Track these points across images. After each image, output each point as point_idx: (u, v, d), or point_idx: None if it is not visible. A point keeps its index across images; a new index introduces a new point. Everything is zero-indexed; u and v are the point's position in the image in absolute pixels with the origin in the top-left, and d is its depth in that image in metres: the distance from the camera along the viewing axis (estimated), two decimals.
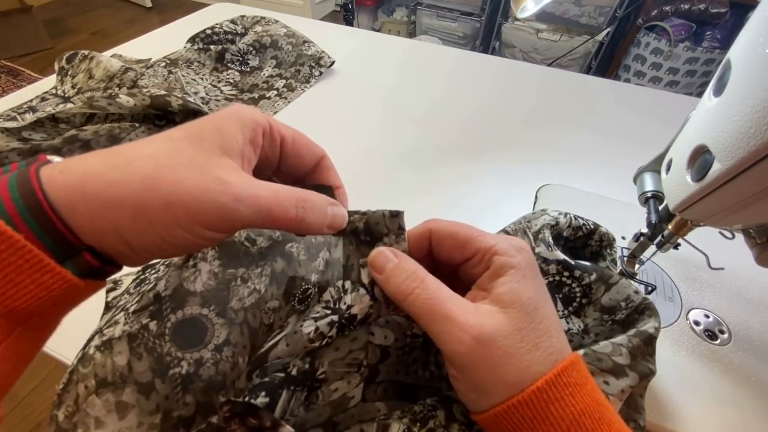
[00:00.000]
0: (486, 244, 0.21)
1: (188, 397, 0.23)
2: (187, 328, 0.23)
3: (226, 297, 0.24)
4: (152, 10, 2.59)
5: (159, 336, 0.22)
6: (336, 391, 0.22)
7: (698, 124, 0.23)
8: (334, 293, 0.24)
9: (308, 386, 0.22)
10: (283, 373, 0.22)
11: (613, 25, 1.68)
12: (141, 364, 0.21)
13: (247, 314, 0.24)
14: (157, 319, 0.22)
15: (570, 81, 0.66)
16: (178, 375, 0.22)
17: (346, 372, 0.22)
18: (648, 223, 0.30)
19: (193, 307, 0.23)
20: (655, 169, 0.31)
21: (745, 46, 0.19)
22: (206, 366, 0.23)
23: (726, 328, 0.32)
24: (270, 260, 0.25)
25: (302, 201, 0.20)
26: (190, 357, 0.23)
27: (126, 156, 0.17)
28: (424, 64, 0.70)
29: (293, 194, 0.19)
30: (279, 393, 0.21)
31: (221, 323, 0.23)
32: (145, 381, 0.22)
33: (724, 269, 0.34)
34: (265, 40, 0.64)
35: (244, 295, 0.24)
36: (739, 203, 0.20)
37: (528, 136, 0.53)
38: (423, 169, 0.47)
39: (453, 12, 1.94)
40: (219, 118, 0.19)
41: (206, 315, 0.23)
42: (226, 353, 0.23)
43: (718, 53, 1.47)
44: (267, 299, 0.25)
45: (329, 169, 0.24)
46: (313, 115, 0.56)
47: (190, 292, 0.23)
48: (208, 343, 0.23)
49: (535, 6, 0.60)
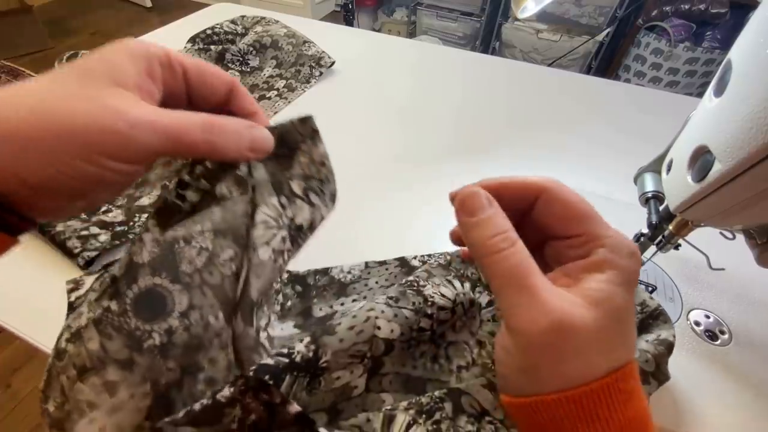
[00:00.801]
0: (598, 232, 0.19)
1: (170, 363, 0.23)
2: (147, 301, 0.22)
3: (174, 262, 0.23)
4: (152, 10, 2.59)
5: (122, 314, 0.22)
6: (338, 380, 0.23)
7: (699, 124, 0.23)
8: (271, 212, 0.24)
9: (311, 373, 0.22)
10: (287, 359, 0.22)
11: (613, 25, 1.68)
12: (114, 343, 0.22)
13: (203, 275, 0.24)
14: (116, 298, 0.22)
15: (570, 81, 0.66)
16: (153, 346, 0.23)
17: (349, 363, 0.23)
18: (648, 224, 0.30)
19: (145, 279, 0.22)
20: (655, 170, 0.31)
21: (746, 47, 0.19)
22: (178, 333, 0.23)
23: (726, 329, 0.32)
24: (206, 214, 0.24)
25: (209, 125, 0.19)
26: (159, 328, 0.23)
27: (10, 93, 0.16)
28: (425, 64, 0.70)
29: (200, 118, 0.19)
30: (282, 378, 0.22)
31: (178, 290, 0.23)
32: (123, 358, 0.22)
33: (724, 270, 0.34)
34: (266, 41, 0.64)
35: (192, 257, 0.23)
36: (739, 204, 0.20)
37: (528, 136, 0.53)
38: (423, 169, 0.47)
39: (453, 12, 1.94)
40: (107, 51, 0.18)
41: (160, 284, 0.23)
42: (194, 317, 0.24)
43: (718, 53, 1.47)
44: (219, 253, 0.24)
45: (244, 96, 0.23)
46: (313, 115, 0.56)
47: (140, 264, 0.22)
48: (172, 312, 0.23)
49: (536, 6, 0.60)
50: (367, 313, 0.24)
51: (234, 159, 0.21)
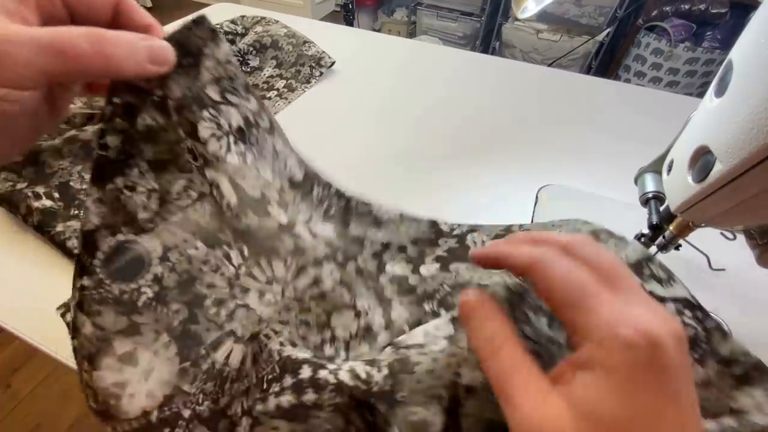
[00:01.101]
0: (584, 322, 0.15)
1: (174, 306, 0.23)
2: (119, 260, 0.22)
3: (128, 213, 0.22)
4: (152, 10, 2.59)
5: (99, 285, 0.21)
6: (415, 415, 0.21)
7: (699, 124, 0.23)
8: (210, 124, 0.24)
9: (387, 404, 0.21)
10: (365, 386, 0.22)
11: (613, 25, 1.68)
12: (105, 317, 0.21)
13: (164, 215, 0.23)
14: (86, 273, 0.21)
15: (570, 81, 0.66)
16: (149, 300, 0.22)
17: (426, 402, 0.22)
18: (649, 224, 0.30)
19: (107, 241, 0.22)
20: (656, 170, 0.31)
21: (747, 47, 0.19)
22: (166, 277, 0.23)
23: (727, 329, 0.32)
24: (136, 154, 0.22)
25: (97, 35, 0.17)
26: (145, 281, 0.22)
27: None
28: (425, 64, 0.70)
29: (84, 29, 0.17)
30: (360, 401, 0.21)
31: (147, 238, 0.23)
32: (124, 326, 0.22)
33: (725, 270, 0.34)
34: (266, 41, 0.64)
35: (144, 202, 0.22)
36: (740, 204, 0.20)
37: (528, 136, 0.53)
38: (423, 169, 0.47)
39: (453, 12, 1.94)
40: None
41: (125, 240, 0.22)
42: (174, 256, 0.23)
43: (719, 54, 1.47)
44: (169, 189, 0.23)
45: (132, 9, 0.20)
46: (313, 115, 0.56)
47: (93, 230, 0.21)
48: (151, 260, 0.23)
49: (536, 6, 0.60)
50: (449, 359, 0.23)
51: (135, 74, 0.19)
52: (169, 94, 0.23)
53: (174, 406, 0.22)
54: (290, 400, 0.21)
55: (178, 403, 0.22)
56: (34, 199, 0.36)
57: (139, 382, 0.22)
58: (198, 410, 0.22)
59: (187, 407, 0.22)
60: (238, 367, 0.24)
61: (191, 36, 0.22)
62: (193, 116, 0.23)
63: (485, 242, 0.33)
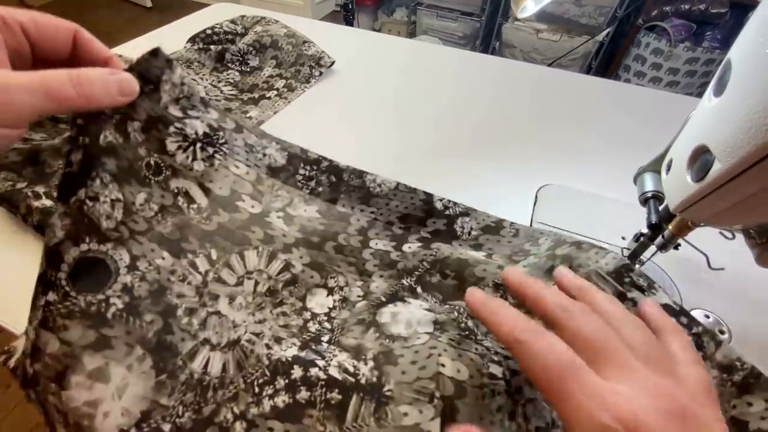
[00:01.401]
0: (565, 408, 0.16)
1: (147, 317, 0.23)
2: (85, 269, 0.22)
3: (92, 222, 0.22)
4: (152, 10, 2.59)
5: (64, 299, 0.21)
6: (406, 416, 0.21)
7: (698, 124, 0.23)
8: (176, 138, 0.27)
9: (376, 399, 0.22)
10: (353, 378, 0.22)
11: (613, 25, 1.68)
12: (73, 332, 0.21)
13: (129, 225, 0.24)
14: (51, 288, 0.21)
15: (570, 81, 0.66)
16: (119, 311, 0.22)
17: (416, 399, 0.21)
18: (648, 224, 0.30)
19: (71, 252, 0.21)
20: (655, 170, 0.31)
21: (746, 47, 0.19)
22: (136, 286, 0.23)
23: (726, 329, 0.32)
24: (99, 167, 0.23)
25: (76, 77, 0.19)
26: (113, 292, 0.22)
27: None
28: (425, 64, 0.70)
29: (64, 72, 0.19)
30: (350, 395, 0.22)
31: (111, 247, 0.23)
32: (93, 339, 0.21)
33: (724, 269, 0.34)
34: (265, 40, 0.64)
35: (108, 211, 0.23)
36: (739, 203, 0.20)
37: (528, 136, 0.53)
38: (422, 169, 0.47)
39: (453, 12, 1.94)
40: None
41: (88, 249, 0.22)
42: (143, 266, 0.24)
43: (718, 53, 1.47)
44: (132, 200, 0.24)
45: (91, 41, 0.22)
46: (313, 115, 0.56)
47: (57, 243, 0.21)
48: (119, 269, 0.23)
49: (535, 6, 0.60)
50: (430, 350, 0.23)
51: (108, 106, 0.22)
52: (135, 116, 0.25)
53: (152, 421, 0.21)
54: (285, 400, 0.22)
55: (156, 418, 0.21)
56: (34, 198, 0.36)
57: (113, 400, 0.21)
58: (179, 423, 0.22)
59: (167, 421, 0.22)
60: (220, 374, 0.23)
61: (150, 66, 0.25)
62: (160, 134, 0.27)
63: (473, 231, 0.34)
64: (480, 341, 0.26)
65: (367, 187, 0.35)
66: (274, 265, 0.29)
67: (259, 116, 0.53)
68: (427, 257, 0.32)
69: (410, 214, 0.35)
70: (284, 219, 0.32)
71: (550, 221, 0.40)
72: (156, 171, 0.27)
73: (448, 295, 0.30)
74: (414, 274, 0.31)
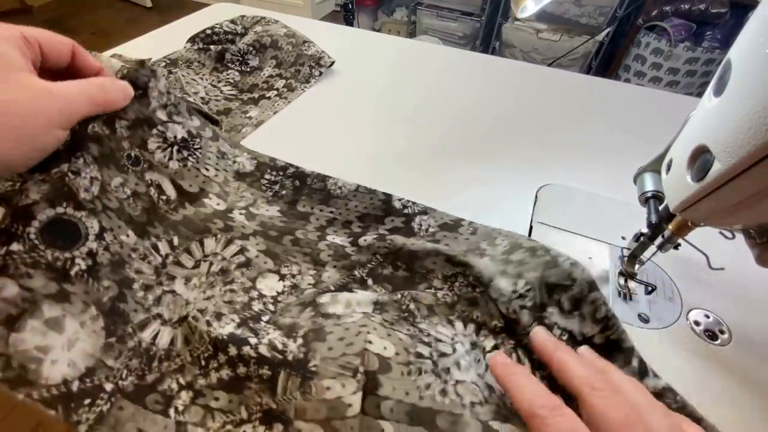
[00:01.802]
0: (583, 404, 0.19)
1: (105, 282, 0.25)
2: (57, 230, 0.23)
3: (72, 191, 0.24)
4: (152, 10, 2.59)
5: (32, 249, 0.22)
6: (329, 390, 0.22)
7: (698, 124, 0.23)
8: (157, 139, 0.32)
9: (302, 374, 0.22)
10: (281, 356, 0.23)
11: (613, 25, 1.68)
12: (36, 280, 0.22)
13: (103, 200, 0.27)
14: (16, 240, 0.22)
15: (570, 81, 0.66)
16: (81, 271, 0.24)
17: (340, 373, 0.22)
18: (648, 224, 0.30)
19: (45, 212, 0.23)
20: (655, 169, 0.31)
21: (746, 46, 0.19)
22: (99, 254, 0.25)
23: (726, 328, 0.32)
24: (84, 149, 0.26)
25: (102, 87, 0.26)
26: (80, 253, 0.24)
27: None
28: (425, 64, 0.70)
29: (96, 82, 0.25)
30: (278, 371, 0.23)
31: (85, 215, 0.25)
32: (54, 291, 0.22)
33: (724, 269, 0.33)
34: (265, 40, 0.64)
35: (87, 185, 0.26)
36: (739, 203, 0.20)
37: (528, 136, 0.53)
38: (423, 169, 0.47)
39: (453, 12, 1.94)
40: None
41: (64, 213, 0.24)
42: (109, 238, 0.26)
43: (718, 53, 1.47)
44: (108, 181, 0.28)
45: (85, 54, 0.27)
46: (313, 115, 0.56)
47: (31, 202, 0.23)
48: (88, 235, 0.25)
49: (535, 6, 0.60)
50: (360, 328, 0.24)
51: (119, 108, 0.28)
52: (123, 116, 0.30)
53: (96, 378, 0.22)
54: (228, 374, 0.24)
55: (100, 376, 0.23)
56: None
57: (63, 350, 0.22)
58: (121, 385, 0.23)
59: (110, 381, 0.23)
60: (167, 347, 0.25)
61: (139, 75, 0.31)
62: (144, 134, 0.32)
63: (431, 228, 0.36)
64: (417, 323, 0.27)
65: (327, 190, 0.37)
66: (230, 248, 0.32)
67: (259, 116, 0.53)
68: (381, 249, 0.33)
69: (369, 214, 0.36)
70: (246, 216, 0.34)
71: (550, 221, 0.40)
72: (135, 162, 0.31)
73: (398, 286, 0.31)
74: (366, 267, 0.32)
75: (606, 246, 0.38)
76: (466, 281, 0.30)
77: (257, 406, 0.22)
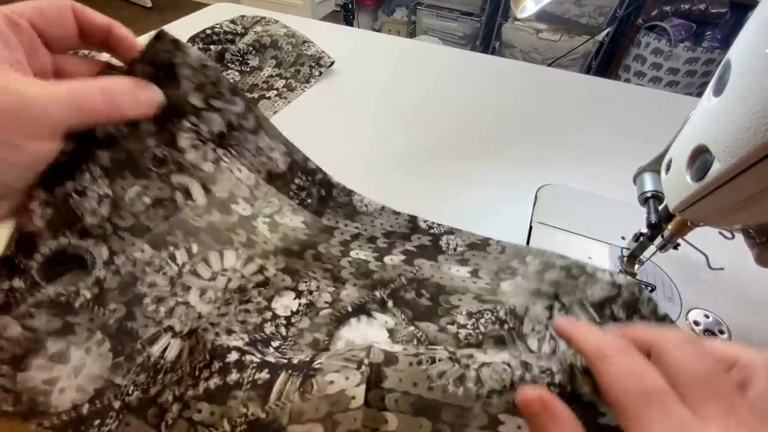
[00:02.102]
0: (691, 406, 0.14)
1: (111, 306, 0.23)
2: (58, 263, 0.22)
3: (74, 217, 0.22)
4: (152, 10, 2.59)
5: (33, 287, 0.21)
6: (332, 384, 0.21)
7: (698, 124, 0.23)
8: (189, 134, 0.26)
9: (304, 373, 0.22)
10: (286, 360, 0.23)
11: (613, 25, 1.68)
12: (38, 320, 0.21)
13: (114, 221, 0.24)
14: (17, 275, 0.21)
15: (570, 81, 0.66)
16: (86, 301, 0.22)
17: (344, 366, 0.21)
18: (648, 224, 0.30)
19: (46, 243, 0.21)
20: (654, 169, 0.31)
21: (745, 46, 0.19)
22: (108, 280, 0.23)
23: (726, 328, 0.32)
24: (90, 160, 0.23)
25: (105, 90, 0.19)
26: (85, 284, 0.23)
27: None
28: (424, 64, 0.70)
29: (94, 84, 0.19)
30: (278, 373, 0.22)
31: (92, 243, 0.23)
32: (58, 326, 0.22)
33: (723, 269, 0.33)
34: (265, 40, 0.64)
35: (94, 207, 0.23)
36: (739, 203, 0.20)
37: (528, 136, 0.53)
38: (423, 169, 0.47)
39: (453, 12, 1.94)
40: None
41: (68, 243, 0.22)
42: (120, 260, 0.24)
43: (718, 53, 1.47)
44: (122, 195, 0.24)
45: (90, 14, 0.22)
46: (313, 115, 0.56)
47: (34, 232, 0.21)
48: (95, 264, 0.23)
49: (535, 6, 0.60)
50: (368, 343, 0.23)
51: (134, 118, 0.22)
52: None
53: (105, 398, 0.22)
54: (216, 383, 0.22)
55: (109, 396, 0.22)
56: None
57: (70, 378, 0.22)
58: (128, 400, 0.23)
59: (118, 399, 0.23)
60: (174, 360, 0.24)
61: (158, 51, 0.23)
62: (173, 126, 0.26)
63: (459, 247, 0.34)
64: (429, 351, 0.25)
65: (353, 205, 0.36)
66: (249, 266, 0.30)
67: None
68: (407, 273, 0.31)
69: (395, 231, 0.35)
70: (269, 225, 0.32)
71: (550, 221, 0.40)
72: (160, 163, 0.26)
73: (418, 314, 0.29)
74: (389, 287, 0.31)
75: (606, 246, 0.38)
76: (494, 317, 0.28)
77: (241, 417, 0.21)
